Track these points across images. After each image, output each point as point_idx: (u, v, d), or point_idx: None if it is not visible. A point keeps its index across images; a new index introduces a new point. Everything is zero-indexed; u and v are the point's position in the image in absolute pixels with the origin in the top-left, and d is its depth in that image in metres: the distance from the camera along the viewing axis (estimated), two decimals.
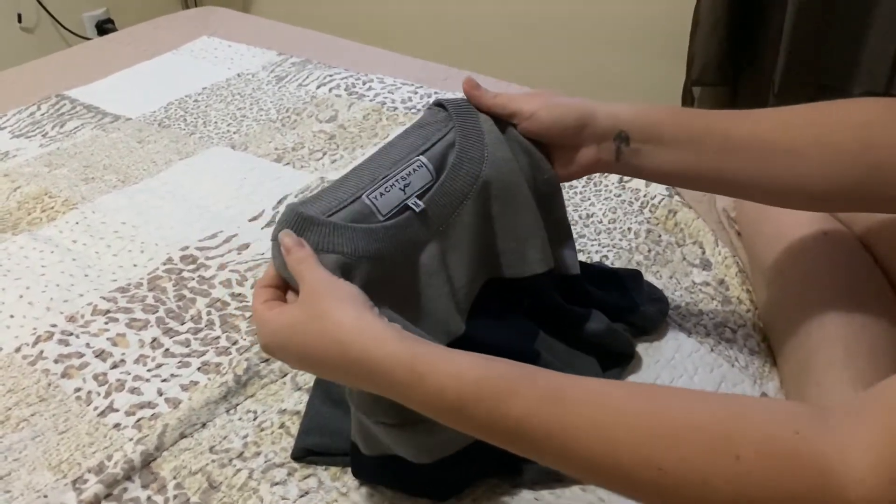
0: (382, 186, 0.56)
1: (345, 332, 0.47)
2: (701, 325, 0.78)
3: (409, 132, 0.61)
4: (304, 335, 0.48)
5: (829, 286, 0.72)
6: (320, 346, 0.48)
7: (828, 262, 0.74)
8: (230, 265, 0.87)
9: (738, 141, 0.60)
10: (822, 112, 0.60)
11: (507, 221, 0.62)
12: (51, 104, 1.29)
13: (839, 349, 0.67)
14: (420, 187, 0.58)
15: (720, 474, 0.40)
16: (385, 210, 0.56)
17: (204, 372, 0.72)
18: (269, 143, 1.14)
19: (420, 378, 0.45)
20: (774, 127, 0.60)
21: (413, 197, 0.57)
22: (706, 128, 0.62)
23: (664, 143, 0.62)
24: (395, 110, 1.21)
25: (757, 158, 0.60)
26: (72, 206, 0.99)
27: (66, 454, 0.64)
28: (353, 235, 0.53)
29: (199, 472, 0.63)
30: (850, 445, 0.38)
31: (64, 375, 0.72)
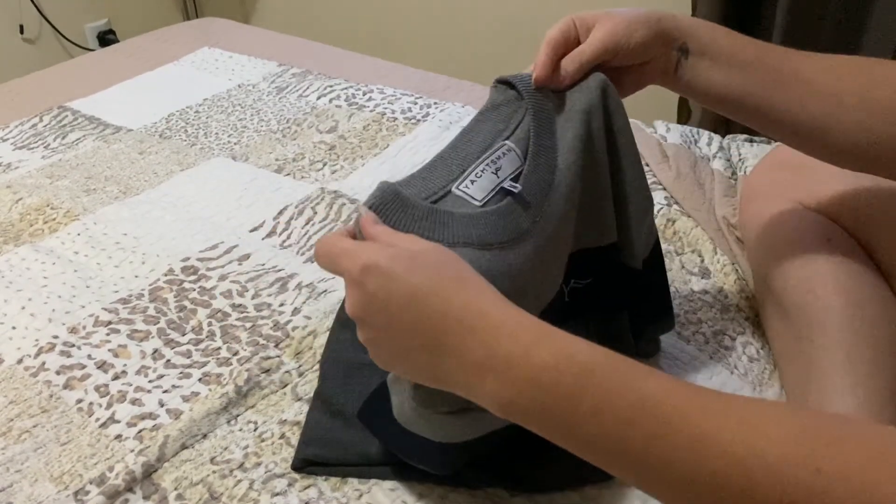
0: (473, 173, 0.54)
1: (475, 280, 0.44)
2: (700, 333, 0.78)
3: (485, 115, 0.58)
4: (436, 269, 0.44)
5: (831, 293, 0.72)
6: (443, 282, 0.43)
7: (830, 269, 0.74)
8: (231, 276, 0.87)
9: (788, 75, 0.60)
10: (867, 67, 0.61)
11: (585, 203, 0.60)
12: (53, 116, 1.30)
13: (841, 355, 0.67)
14: (512, 172, 0.55)
15: (888, 476, 0.35)
16: (480, 196, 0.53)
17: (205, 383, 0.73)
18: (269, 154, 1.15)
19: (550, 337, 0.41)
20: (823, 69, 0.60)
21: (508, 180, 0.54)
22: (758, 56, 0.61)
23: (719, 63, 0.61)
24: (394, 121, 1.22)
25: (802, 96, 0.60)
26: (73, 218, 1.00)
27: (68, 465, 0.65)
28: (451, 226, 0.51)
29: (200, 483, 0.63)
30: None
31: (66, 387, 0.73)
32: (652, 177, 1.02)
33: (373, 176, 1.07)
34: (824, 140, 0.62)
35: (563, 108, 0.59)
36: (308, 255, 0.91)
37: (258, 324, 0.80)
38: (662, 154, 1.04)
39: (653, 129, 1.12)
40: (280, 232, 0.95)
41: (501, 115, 0.58)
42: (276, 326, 0.79)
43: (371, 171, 1.08)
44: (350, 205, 1.00)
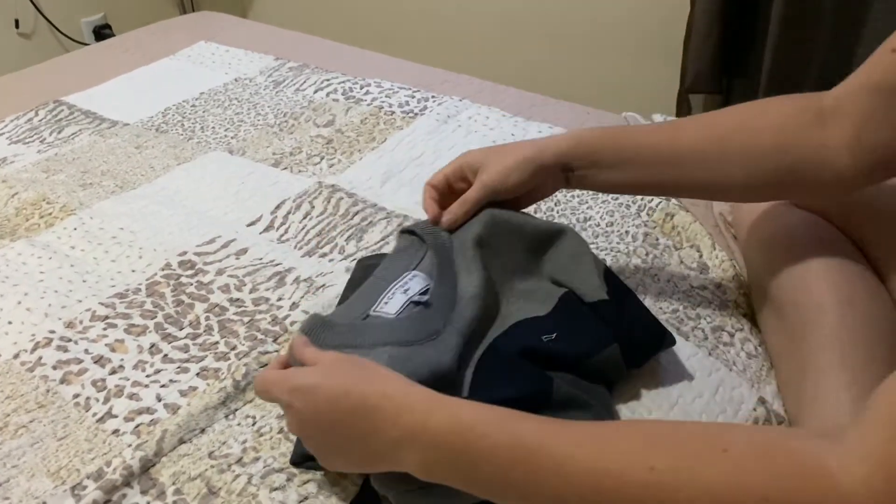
0: (385, 297, 0.66)
1: (380, 372, 0.52)
2: (699, 328, 0.78)
3: (394, 258, 0.73)
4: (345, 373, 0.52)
5: (825, 291, 0.72)
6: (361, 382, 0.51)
7: (823, 267, 0.74)
8: (228, 270, 0.87)
9: (668, 158, 0.69)
10: (744, 117, 0.68)
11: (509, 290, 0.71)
12: (48, 110, 1.29)
13: (835, 354, 0.67)
14: (420, 289, 0.67)
15: (709, 467, 0.41)
16: (393, 310, 0.65)
17: (203, 377, 0.72)
18: (266, 148, 1.14)
19: (440, 404, 0.49)
20: (703, 137, 0.68)
21: (417, 294, 0.66)
22: (636, 147, 0.70)
23: (604, 166, 0.71)
24: (392, 114, 1.21)
25: (689, 167, 0.68)
26: (70, 212, 0.99)
27: (65, 460, 0.64)
28: (371, 331, 0.62)
29: (199, 478, 0.63)
30: (847, 452, 0.39)
31: (62, 381, 0.72)
32: None
33: (370, 170, 1.07)
34: (724, 193, 0.72)
35: (461, 237, 0.72)
36: (306, 249, 0.91)
37: (256, 318, 0.80)
38: None
39: (651, 123, 1.11)
40: (278, 226, 0.95)
41: (407, 256, 0.72)
42: (274, 321, 0.79)
43: (368, 165, 1.08)
44: (348, 198, 0.99)
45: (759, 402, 0.71)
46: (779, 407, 0.72)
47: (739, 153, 0.66)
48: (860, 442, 0.39)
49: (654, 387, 0.71)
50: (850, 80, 0.63)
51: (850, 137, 0.62)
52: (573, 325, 0.69)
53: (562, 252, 0.74)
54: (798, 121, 0.64)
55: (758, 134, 0.66)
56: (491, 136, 1.13)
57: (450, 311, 0.65)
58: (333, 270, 0.87)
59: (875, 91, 0.60)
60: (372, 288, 0.68)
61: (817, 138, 0.63)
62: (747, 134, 0.66)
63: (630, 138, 0.71)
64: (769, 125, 0.65)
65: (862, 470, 0.37)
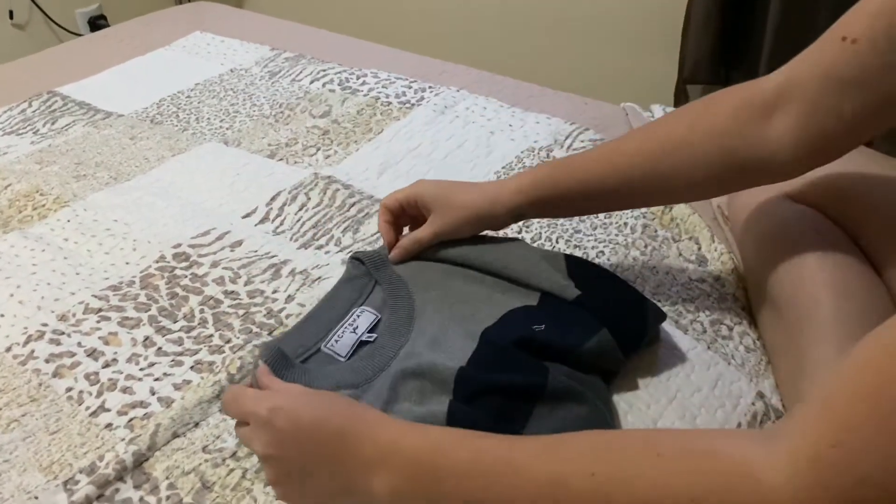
0: (336, 335, 0.70)
1: (355, 405, 0.55)
2: (697, 321, 0.77)
3: (343, 286, 0.77)
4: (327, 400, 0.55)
5: (820, 285, 0.71)
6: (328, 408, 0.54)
7: (818, 261, 0.73)
8: (223, 262, 0.86)
9: (615, 184, 0.69)
10: (687, 127, 0.67)
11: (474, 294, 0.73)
12: (42, 101, 1.28)
13: (831, 347, 0.67)
14: (367, 326, 0.71)
15: (643, 471, 0.42)
16: (344, 352, 0.69)
17: (197, 371, 0.72)
18: (262, 139, 1.13)
19: (410, 430, 0.52)
20: (647, 158, 0.68)
21: (364, 334, 0.71)
22: (583, 185, 0.71)
23: (554, 207, 0.73)
24: (389, 105, 1.20)
25: (637, 191, 0.70)
26: (63, 204, 0.98)
27: (58, 455, 0.64)
28: (325, 375, 0.66)
29: (192, 472, 0.62)
30: (775, 450, 0.39)
31: (55, 375, 0.72)
32: None
33: (367, 161, 1.06)
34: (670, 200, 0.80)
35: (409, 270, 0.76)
36: (302, 241, 0.90)
37: (251, 311, 0.79)
38: None
39: (650, 114, 1.11)
40: (273, 218, 0.94)
41: (355, 287, 0.76)
42: (269, 314, 0.78)
43: (365, 156, 1.07)
44: (344, 190, 0.99)
45: (758, 396, 0.71)
46: (777, 402, 0.71)
47: (685, 167, 0.67)
48: (788, 439, 0.39)
49: (652, 381, 0.70)
50: (795, 65, 0.62)
51: (794, 127, 0.61)
52: (560, 315, 0.69)
53: (519, 261, 0.74)
54: (743, 118, 0.64)
55: (702, 143, 0.66)
56: (489, 127, 1.12)
57: (409, 327, 0.70)
58: (329, 263, 0.86)
59: (824, 79, 0.59)
60: (324, 314, 0.73)
61: (762, 133, 0.63)
62: (691, 148, 0.66)
63: (575, 177, 0.71)
64: (713, 130, 0.65)
65: (788, 468, 0.38)
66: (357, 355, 0.70)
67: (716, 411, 0.68)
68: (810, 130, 0.61)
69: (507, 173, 1.02)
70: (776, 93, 0.62)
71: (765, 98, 0.63)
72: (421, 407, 0.61)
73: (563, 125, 1.11)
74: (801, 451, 0.37)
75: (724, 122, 0.65)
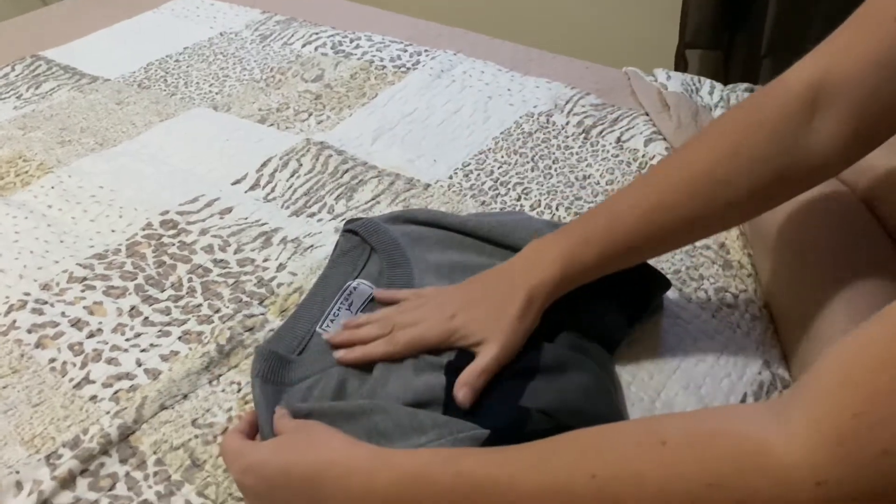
0: (331, 314, 0.67)
1: (324, 436, 0.52)
2: (702, 290, 0.75)
3: (336, 262, 0.73)
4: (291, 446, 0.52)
5: (832, 251, 0.69)
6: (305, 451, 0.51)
7: (830, 227, 0.71)
8: (212, 230, 0.83)
9: (655, 241, 0.61)
10: (720, 156, 0.59)
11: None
12: (26, 65, 1.24)
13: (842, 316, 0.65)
14: (362, 303, 0.68)
15: (649, 463, 0.39)
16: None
17: (185, 341, 0.69)
18: (252, 104, 1.10)
19: (382, 459, 0.48)
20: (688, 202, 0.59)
21: (358, 311, 0.67)
22: (623, 254, 0.61)
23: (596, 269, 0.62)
24: (383, 69, 1.17)
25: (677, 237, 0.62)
26: (47, 171, 0.95)
27: (40, 428, 0.62)
28: (322, 358, 0.63)
29: (182, 448, 0.60)
30: (790, 424, 0.36)
31: (38, 346, 0.69)
32: (651, 127, 0.98)
33: (361, 126, 1.02)
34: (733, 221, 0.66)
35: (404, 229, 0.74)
36: (294, 208, 0.87)
37: (241, 280, 0.76)
38: (663, 103, 1.00)
39: (653, 78, 1.07)
40: (264, 184, 0.91)
41: (350, 260, 0.73)
42: (260, 283, 0.76)
43: (359, 122, 1.04)
44: (337, 156, 0.95)
45: (765, 365, 0.69)
46: (784, 371, 0.70)
47: (724, 206, 0.59)
48: (803, 411, 0.36)
49: (656, 351, 0.68)
50: (834, 57, 0.56)
51: (842, 126, 0.55)
52: None
53: (519, 229, 0.71)
54: (784, 133, 0.57)
55: (759, 145, 0.58)
56: (486, 92, 1.09)
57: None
58: (322, 231, 0.83)
59: (876, 66, 0.53)
60: (317, 297, 0.70)
61: (807, 143, 0.57)
62: (728, 186, 0.58)
63: (614, 247, 0.61)
64: (756, 157, 0.58)
65: (807, 441, 0.35)
66: None
67: (721, 381, 0.66)
68: (861, 125, 0.55)
69: (506, 139, 0.99)
70: (813, 92, 0.56)
71: (802, 102, 0.56)
72: (418, 378, 0.59)
73: (564, 89, 1.08)
74: (820, 422, 0.35)
75: (766, 147, 0.57)
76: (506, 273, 0.63)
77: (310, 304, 0.69)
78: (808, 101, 0.56)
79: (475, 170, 0.93)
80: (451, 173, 0.93)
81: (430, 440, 0.52)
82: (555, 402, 0.54)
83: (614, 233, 0.60)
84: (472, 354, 0.59)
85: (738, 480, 0.36)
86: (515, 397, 0.55)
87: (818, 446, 0.35)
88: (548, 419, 0.53)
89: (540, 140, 0.98)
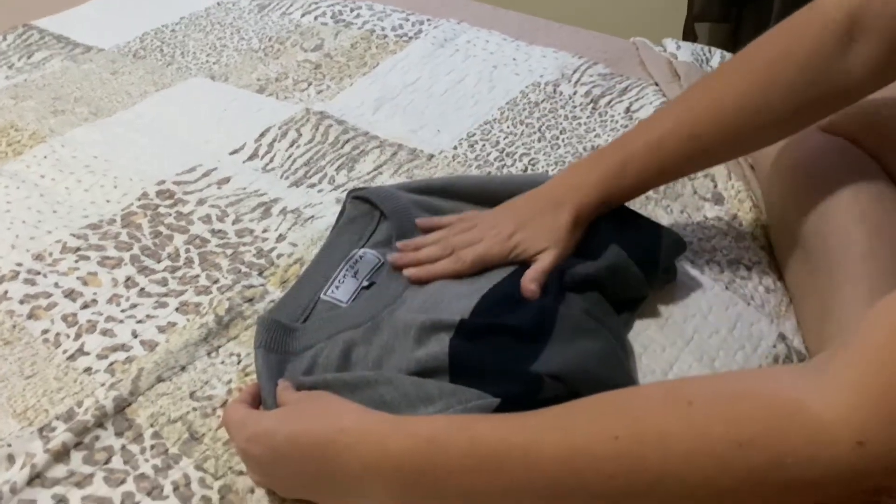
0: (336, 280, 0.66)
1: (334, 404, 0.50)
2: (714, 261, 0.73)
3: (343, 229, 0.71)
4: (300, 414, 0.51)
5: (852, 220, 0.67)
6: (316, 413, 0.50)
7: (850, 195, 0.69)
8: (209, 200, 0.81)
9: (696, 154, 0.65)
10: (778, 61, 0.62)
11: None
12: (17, 34, 1.21)
13: (863, 287, 0.63)
14: (369, 271, 0.67)
15: (675, 424, 0.37)
16: (345, 297, 0.65)
17: (182, 312, 0.67)
18: (250, 74, 1.07)
19: (395, 426, 0.46)
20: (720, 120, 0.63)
21: (365, 279, 0.66)
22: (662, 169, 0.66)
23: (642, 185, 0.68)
24: (385, 38, 1.14)
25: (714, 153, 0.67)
26: (40, 140, 0.93)
27: (33, 400, 0.59)
28: (327, 325, 0.61)
29: (179, 421, 0.58)
30: (829, 382, 0.35)
31: (30, 316, 0.67)
32: (661, 97, 0.95)
33: (362, 96, 1.00)
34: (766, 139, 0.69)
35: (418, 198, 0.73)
36: (293, 178, 0.85)
37: (240, 251, 0.74)
38: (673, 73, 0.97)
39: (662, 48, 1.05)
40: (262, 155, 0.89)
41: (357, 228, 0.71)
42: (259, 253, 0.74)
43: (360, 91, 1.01)
44: (338, 126, 0.93)
45: (780, 338, 0.67)
46: (799, 344, 0.68)
47: (754, 131, 0.64)
48: (844, 369, 0.35)
49: (668, 322, 0.66)
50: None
51: (879, 50, 0.57)
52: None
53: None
54: (823, 55, 0.59)
55: (776, 99, 0.61)
56: (491, 61, 1.06)
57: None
58: (323, 202, 0.81)
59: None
60: (321, 265, 0.68)
61: (844, 65, 0.59)
62: (759, 114, 0.62)
63: (649, 174, 0.66)
64: (797, 60, 0.60)
65: (846, 400, 0.33)
66: (360, 298, 0.66)
67: (735, 353, 0.64)
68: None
69: (511, 109, 0.96)
70: (852, 18, 0.57)
71: (839, 29, 0.58)
72: (420, 349, 0.57)
73: (571, 59, 1.05)
74: (864, 378, 0.33)
75: (800, 77, 0.60)
76: (550, 195, 0.67)
77: (314, 272, 0.68)
78: (846, 27, 0.57)
79: (480, 140, 0.91)
80: (456, 144, 0.90)
81: (439, 410, 0.50)
82: (567, 369, 0.52)
83: (650, 160, 0.65)
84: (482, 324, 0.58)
85: (771, 440, 0.34)
86: (527, 364, 0.53)
87: (861, 404, 0.32)
88: (560, 386, 0.51)
89: (547, 110, 0.96)
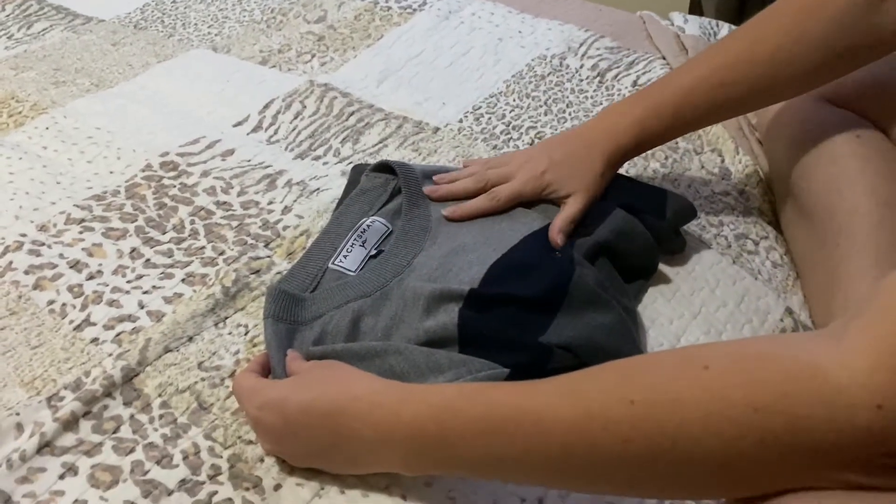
0: (344, 250, 0.66)
1: (345, 373, 0.51)
2: (722, 236, 0.73)
3: (354, 199, 0.71)
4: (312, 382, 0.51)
5: (860, 192, 0.67)
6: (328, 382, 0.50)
7: (858, 167, 0.68)
8: (214, 172, 0.80)
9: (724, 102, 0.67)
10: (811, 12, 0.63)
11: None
12: (16, 4, 1.19)
13: (869, 259, 0.63)
14: (377, 240, 0.67)
15: (691, 388, 0.37)
16: (353, 267, 0.65)
17: (189, 283, 0.67)
18: (253, 46, 1.06)
19: (409, 393, 0.47)
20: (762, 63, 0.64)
21: (373, 248, 0.67)
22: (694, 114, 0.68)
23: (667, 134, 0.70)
24: (389, 10, 1.12)
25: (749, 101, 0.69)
26: (41, 111, 0.92)
27: (40, 370, 0.59)
28: (335, 294, 0.62)
29: (188, 391, 0.58)
30: (846, 346, 0.34)
31: (36, 287, 0.67)
32: (669, 70, 0.94)
33: (366, 68, 0.99)
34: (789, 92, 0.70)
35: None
36: (298, 151, 0.84)
37: (245, 223, 0.74)
38: (680, 47, 0.96)
39: (669, 22, 1.04)
40: (266, 126, 0.88)
41: (368, 199, 0.71)
42: (265, 225, 0.73)
43: (364, 63, 1.00)
44: (342, 98, 0.92)
45: (787, 312, 0.67)
46: (806, 318, 0.68)
47: (785, 82, 0.65)
48: (862, 333, 0.34)
49: (675, 296, 0.66)
50: None
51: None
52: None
53: None
54: (858, 9, 0.60)
55: (809, 49, 0.63)
56: (496, 34, 1.05)
57: (425, 236, 0.67)
58: (328, 174, 0.81)
59: None
60: (330, 235, 0.68)
61: (878, 21, 0.59)
62: (790, 66, 0.64)
63: (682, 119, 0.68)
64: (824, 16, 0.61)
65: (864, 363, 0.33)
66: (368, 267, 0.65)
67: (742, 327, 0.65)
68: None
69: (517, 82, 0.95)
70: None
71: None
72: (429, 319, 0.57)
73: (577, 31, 1.04)
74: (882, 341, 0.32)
75: (833, 30, 0.62)
76: (584, 137, 0.70)
77: (322, 242, 0.68)
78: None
79: (486, 113, 0.90)
80: (462, 116, 0.90)
81: (448, 380, 0.50)
82: (577, 339, 0.53)
83: (682, 107, 0.67)
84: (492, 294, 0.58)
85: (788, 404, 0.34)
86: (537, 334, 0.53)
87: (879, 367, 0.32)
88: (569, 357, 0.51)
89: (553, 83, 0.95)
